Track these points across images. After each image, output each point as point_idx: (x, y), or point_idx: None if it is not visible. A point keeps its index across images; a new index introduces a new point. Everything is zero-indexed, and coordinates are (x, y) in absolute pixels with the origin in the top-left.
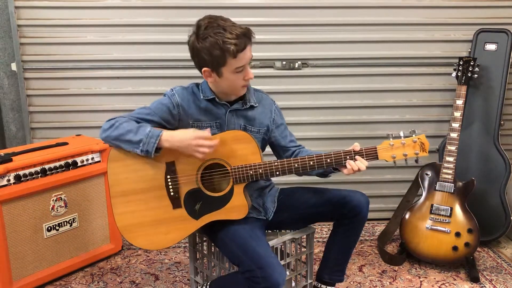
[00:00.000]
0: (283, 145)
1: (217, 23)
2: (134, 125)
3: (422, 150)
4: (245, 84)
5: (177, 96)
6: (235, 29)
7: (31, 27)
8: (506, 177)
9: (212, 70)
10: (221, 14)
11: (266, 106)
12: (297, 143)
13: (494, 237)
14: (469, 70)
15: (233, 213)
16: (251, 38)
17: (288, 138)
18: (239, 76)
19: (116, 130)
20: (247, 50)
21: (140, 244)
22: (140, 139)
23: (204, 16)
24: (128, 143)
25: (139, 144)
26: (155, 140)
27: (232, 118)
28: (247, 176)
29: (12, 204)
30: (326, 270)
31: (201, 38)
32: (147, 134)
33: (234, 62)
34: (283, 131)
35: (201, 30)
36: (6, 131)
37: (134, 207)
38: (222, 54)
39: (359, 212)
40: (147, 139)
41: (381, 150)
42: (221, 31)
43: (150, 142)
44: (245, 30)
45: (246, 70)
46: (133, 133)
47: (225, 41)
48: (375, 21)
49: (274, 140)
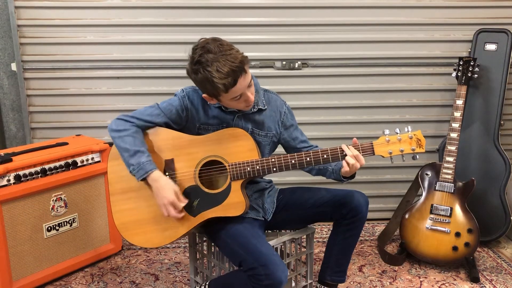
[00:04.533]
0: (293, 146)
1: (207, 56)
2: (135, 144)
3: (418, 146)
4: (247, 105)
5: (187, 98)
6: (225, 65)
7: (31, 27)
8: (506, 177)
9: (211, 97)
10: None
11: (276, 108)
12: (309, 144)
13: (494, 237)
14: (469, 70)
15: (231, 210)
16: (243, 69)
17: (299, 139)
18: (239, 101)
19: (119, 140)
20: (240, 82)
21: (137, 242)
22: (132, 164)
23: (199, 41)
24: (123, 158)
25: (129, 166)
26: (143, 173)
27: (240, 122)
28: (244, 173)
29: (12, 204)
30: (328, 271)
31: (193, 71)
32: (139, 164)
33: (229, 95)
34: (293, 132)
35: (193, 62)
36: (6, 131)
37: (132, 204)
38: (215, 90)
39: (358, 213)
40: (138, 168)
41: (377, 145)
42: (209, 69)
43: (140, 172)
44: (236, 65)
45: (244, 96)
46: (129, 155)
47: (213, 80)
48: (375, 21)
49: (284, 142)
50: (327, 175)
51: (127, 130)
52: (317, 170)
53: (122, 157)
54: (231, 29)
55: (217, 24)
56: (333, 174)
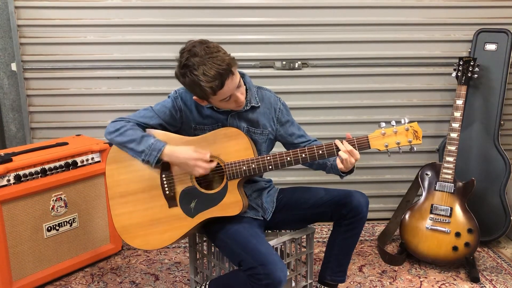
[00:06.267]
0: (291, 142)
1: (194, 60)
2: (138, 133)
3: (415, 138)
4: (238, 105)
5: (180, 100)
6: (211, 68)
7: (31, 27)
8: (506, 177)
9: (201, 99)
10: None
11: (270, 105)
12: (308, 138)
13: (494, 237)
14: (469, 70)
15: (228, 210)
16: (230, 71)
17: (296, 134)
18: (229, 102)
19: (121, 136)
20: (227, 84)
21: (137, 244)
22: (143, 150)
23: (186, 44)
24: (131, 151)
25: (141, 154)
26: (156, 153)
27: (234, 121)
28: (240, 172)
29: (12, 204)
30: (328, 271)
31: (181, 75)
32: (150, 146)
33: (217, 97)
34: (289, 128)
35: (180, 65)
36: (6, 131)
37: (131, 207)
38: (203, 93)
39: (359, 213)
40: (149, 151)
41: (372, 138)
42: (196, 73)
43: (152, 154)
44: (223, 68)
45: (234, 96)
46: (136, 143)
47: (201, 84)
48: (375, 21)
49: (281, 138)
50: (326, 170)
51: (124, 126)
52: (317, 164)
53: (129, 150)
54: (231, 29)
55: (217, 24)
56: (332, 169)
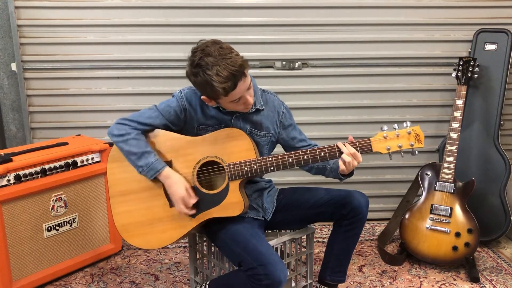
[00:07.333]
0: (292, 146)
1: (207, 60)
2: (141, 145)
3: (417, 142)
4: (246, 108)
5: (185, 99)
6: (225, 69)
7: (31, 27)
8: (506, 177)
9: (210, 99)
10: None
11: (273, 108)
12: (308, 142)
13: (494, 237)
14: (469, 70)
15: (229, 210)
16: (243, 73)
17: (298, 138)
18: (238, 104)
19: (123, 144)
20: (240, 86)
21: (137, 243)
22: (141, 166)
23: (199, 44)
24: (130, 161)
25: (139, 168)
26: (154, 173)
27: (238, 123)
28: (242, 172)
29: (12, 204)
30: (328, 271)
31: (193, 74)
32: (148, 165)
33: (228, 98)
34: (291, 132)
35: (193, 64)
36: (6, 131)
37: (132, 206)
38: (214, 93)
39: (359, 213)
40: (148, 169)
41: (375, 142)
42: (209, 73)
43: (150, 172)
44: (236, 69)
45: (244, 98)
46: (137, 157)
47: (213, 84)
48: (375, 21)
49: (282, 141)
50: (326, 173)
51: (129, 133)
52: (316, 168)
53: (129, 160)
54: (231, 29)
55: (217, 24)
56: (332, 173)
